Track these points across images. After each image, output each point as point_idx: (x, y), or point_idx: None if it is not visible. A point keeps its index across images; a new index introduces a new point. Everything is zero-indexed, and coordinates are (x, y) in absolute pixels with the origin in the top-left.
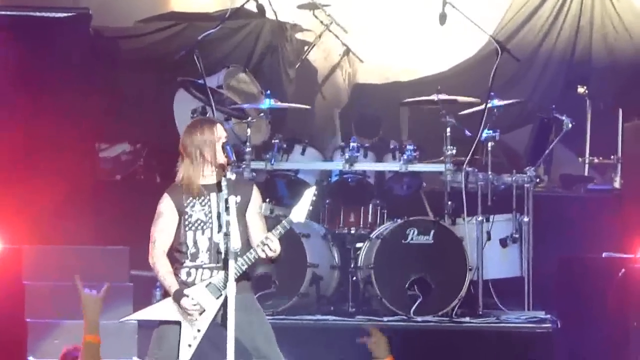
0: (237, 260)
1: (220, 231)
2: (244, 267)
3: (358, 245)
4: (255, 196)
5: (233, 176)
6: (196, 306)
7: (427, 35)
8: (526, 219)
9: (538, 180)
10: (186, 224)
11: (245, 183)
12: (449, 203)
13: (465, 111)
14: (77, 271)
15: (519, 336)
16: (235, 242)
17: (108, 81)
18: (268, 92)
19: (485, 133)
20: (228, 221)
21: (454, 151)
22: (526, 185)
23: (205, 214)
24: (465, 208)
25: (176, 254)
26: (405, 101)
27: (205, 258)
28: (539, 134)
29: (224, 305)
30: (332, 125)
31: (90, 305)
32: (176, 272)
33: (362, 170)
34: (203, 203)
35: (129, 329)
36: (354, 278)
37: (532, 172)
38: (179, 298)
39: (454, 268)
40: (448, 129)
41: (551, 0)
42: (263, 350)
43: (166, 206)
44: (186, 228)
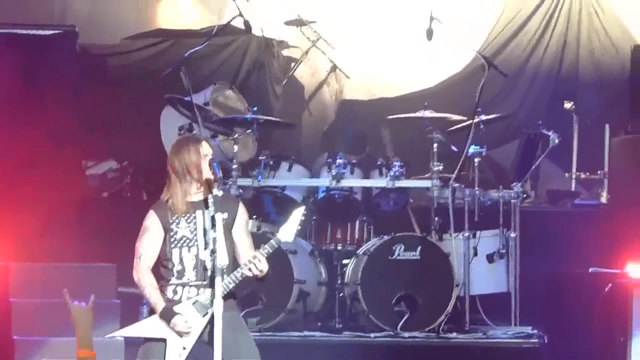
0: (224, 278)
1: (206, 248)
2: (231, 286)
3: (345, 261)
4: (241, 213)
5: (220, 193)
6: (187, 324)
7: (414, 51)
8: (513, 235)
9: (525, 195)
10: (171, 241)
11: (231, 200)
12: (436, 219)
13: (452, 128)
14: (65, 288)
15: (506, 351)
16: (222, 259)
17: (95, 98)
18: (255, 109)
19: (472, 149)
20: (214, 238)
21: (441, 167)
22: (513, 200)
23: (190, 231)
24: (452, 224)
25: (162, 271)
26: (391, 117)
27: (191, 275)
28: (526, 150)
29: (210, 322)
30: (319, 141)
31: (81, 317)
32: (162, 290)
33: (349, 186)
34: (189, 220)
35: (116, 346)
36: (341, 294)
37: (519, 188)
38: (168, 316)
39: (441, 284)
40: (435, 145)
41: (538, 15)
42: None
43: (152, 222)
44: (172, 245)
